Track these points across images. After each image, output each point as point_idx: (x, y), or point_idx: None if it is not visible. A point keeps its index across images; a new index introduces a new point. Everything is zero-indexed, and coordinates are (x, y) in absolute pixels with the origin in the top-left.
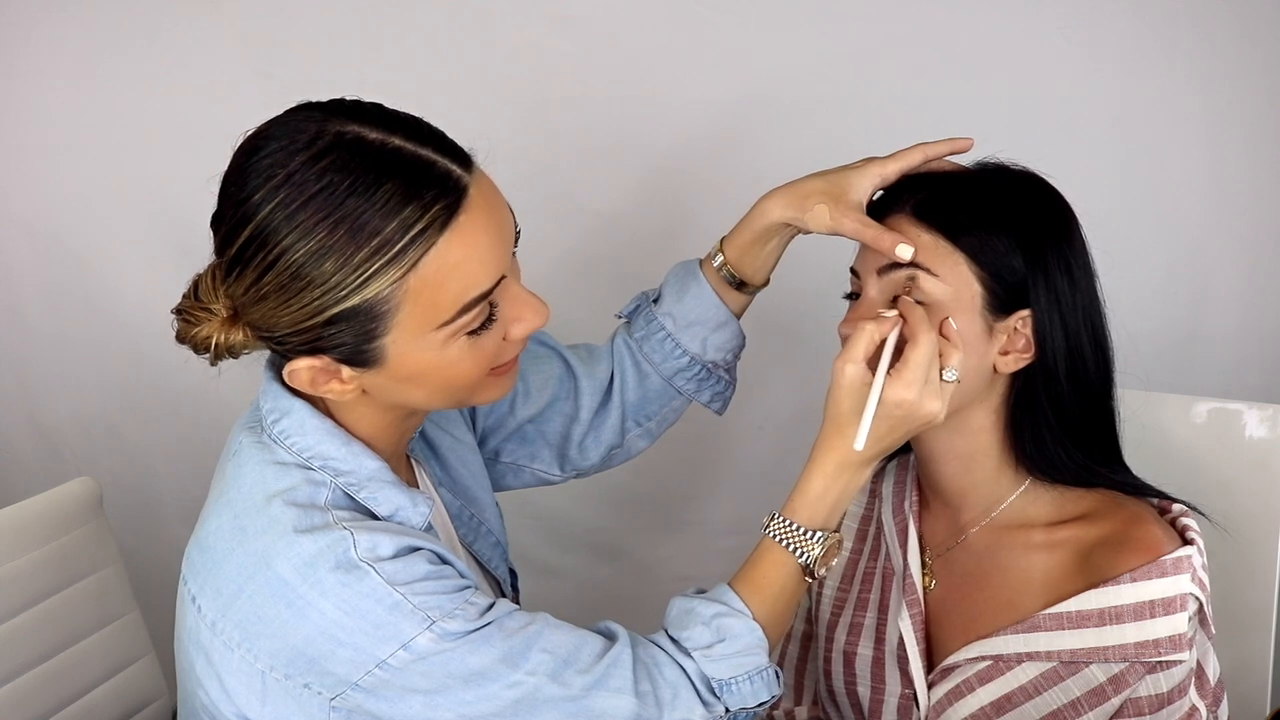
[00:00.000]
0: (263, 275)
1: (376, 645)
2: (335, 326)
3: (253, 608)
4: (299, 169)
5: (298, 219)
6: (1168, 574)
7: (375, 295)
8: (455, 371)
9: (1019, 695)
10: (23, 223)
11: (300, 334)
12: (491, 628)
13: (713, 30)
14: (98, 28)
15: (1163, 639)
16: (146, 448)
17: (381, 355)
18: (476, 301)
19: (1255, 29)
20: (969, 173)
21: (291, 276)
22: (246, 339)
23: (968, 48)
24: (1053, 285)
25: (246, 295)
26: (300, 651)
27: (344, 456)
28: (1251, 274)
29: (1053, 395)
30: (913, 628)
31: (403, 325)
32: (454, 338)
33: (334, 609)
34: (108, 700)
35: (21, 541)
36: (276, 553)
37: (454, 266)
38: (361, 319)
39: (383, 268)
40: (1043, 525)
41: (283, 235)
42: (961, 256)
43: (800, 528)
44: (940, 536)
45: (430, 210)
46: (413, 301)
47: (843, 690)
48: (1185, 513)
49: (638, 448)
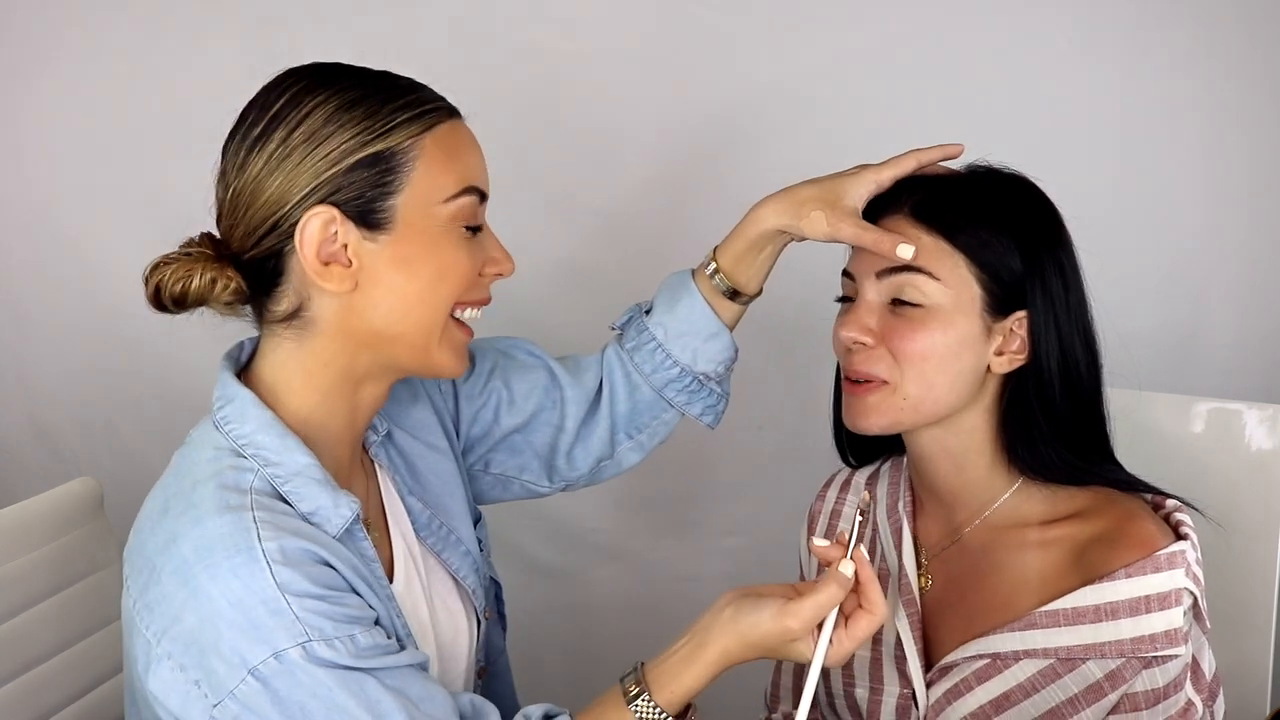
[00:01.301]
0: (294, 130)
1: (250, 646)
2: (356, 173)
3: (159, 588)
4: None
5: (332, 83)
6: (1162, 569)
7: (398, 144)
8: (448, 262)
9: (1017, 693)
10: (23, 222)
11: (319, 187)
12: (367, 675)
13: (714, 31)
14: (98, 28)
15: (1158, 634)
16: (146, 448)
17: (392, 217)
18: (474, 190)
19: (1255, 29)
20: (963, 175)
21: (325, 121)
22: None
23: (968, 49)
24: (1049, 286)
25: (267, 165)
26: (192, 639)
27: (276, 448)
28: (1251, 274)
29: (1045, 396)
30: (910, 628)
31: (415, 185)
32: (454, 223)
33: (220, 598)
34: (107, 701)
35: (22, 541)
36: (182, 531)
37: (458, 149)
38: (382, 167)
39: (406, 121)
40: (1037, 523)
41: (319, 92)
42: (961, 258)
43: (659, 709)
44: (935, 537)
45: (438, 102)
46: (426, 162)
47: (841, 692)
48: (1179, 508)
49: (629, 461)
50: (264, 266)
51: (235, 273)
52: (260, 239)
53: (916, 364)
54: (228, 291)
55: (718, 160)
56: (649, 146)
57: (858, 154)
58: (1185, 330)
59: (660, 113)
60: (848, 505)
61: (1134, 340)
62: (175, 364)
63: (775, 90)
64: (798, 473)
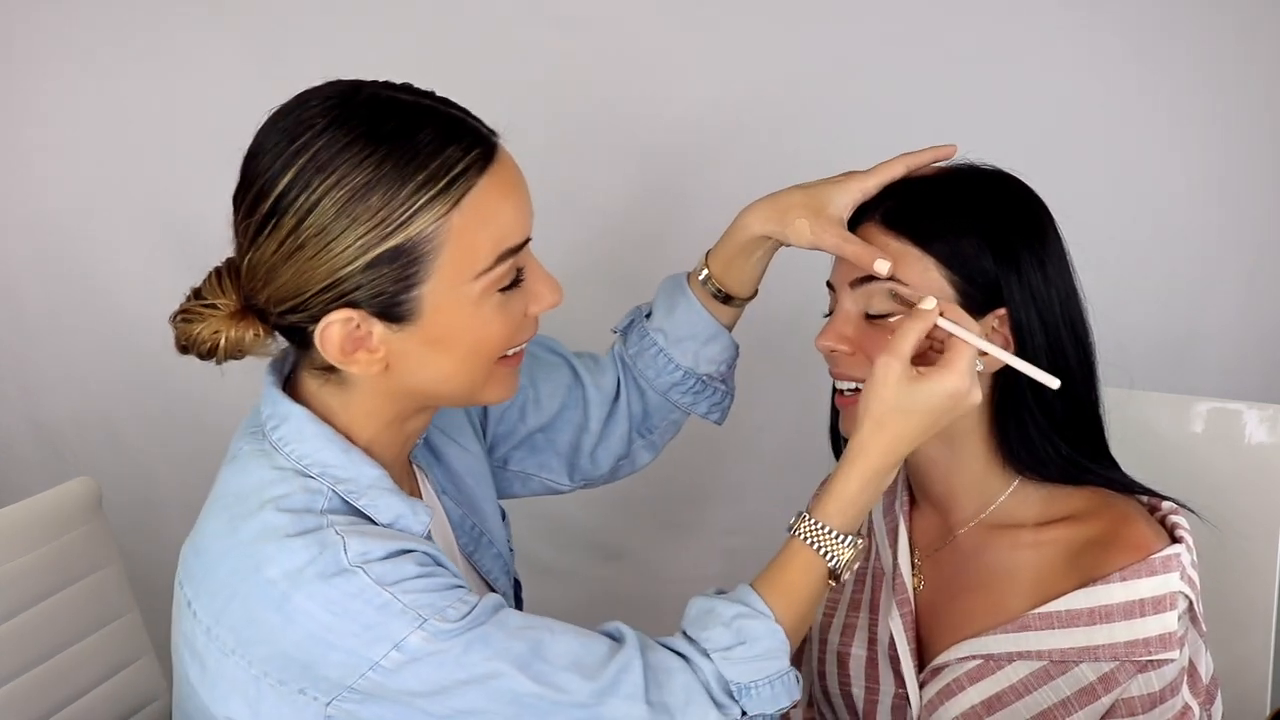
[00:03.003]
0: (303, 220)
1: (368, 647)
2: (375, 270)
3: (245, 612)
4: (340, 115)
5: (344, 156)
6: (1156, 572)
7: (420, 233)
8: (485, 334)
9: (1009, 694)
10: (23, 222)
11: (336, 284)
12: (489, 626)
13: (714, 31)
14: (98, 28)
15: (1153, 638)
16: (146, 448)
17: (418, 308)
18: (511, 252)
19: (1255, 29)
20: (937, 177)
21: (336, 214)
22: (256, 332)
23: (967, 49)
24: (1026, 282)
25: (279, 252)
26: (292, 657)
27: (343, 464)
28: (1251, 274)
29: (1037, 391)
30: (904, 628)
31: (443, 271)
32: (488, 293)
33: (322, 611)
34: (106, 700)
35: (21, 541)
36: (267, 557)
37: (493, 210)
38: (403, 260)
39: (429, 202)
40: (1031, 525)
41: (328, 172)
42: (931, 261)
43: (832, 531)
44: (929, 537)
45: (470, 153)
46: (455, 243)
47: (837, 691)
48: (1175, 510)
49: (642, 460)
50: (292, 329)
51: (268, 331)
52: (283, 313)
53: None
54: (259, 342)
55: (719, 161)
56: (649, 146)
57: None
58: (1185, 330)
59: (660, 113)
60: None
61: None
62: (175, 364)
63: (776, 90)
64: (798, 473)
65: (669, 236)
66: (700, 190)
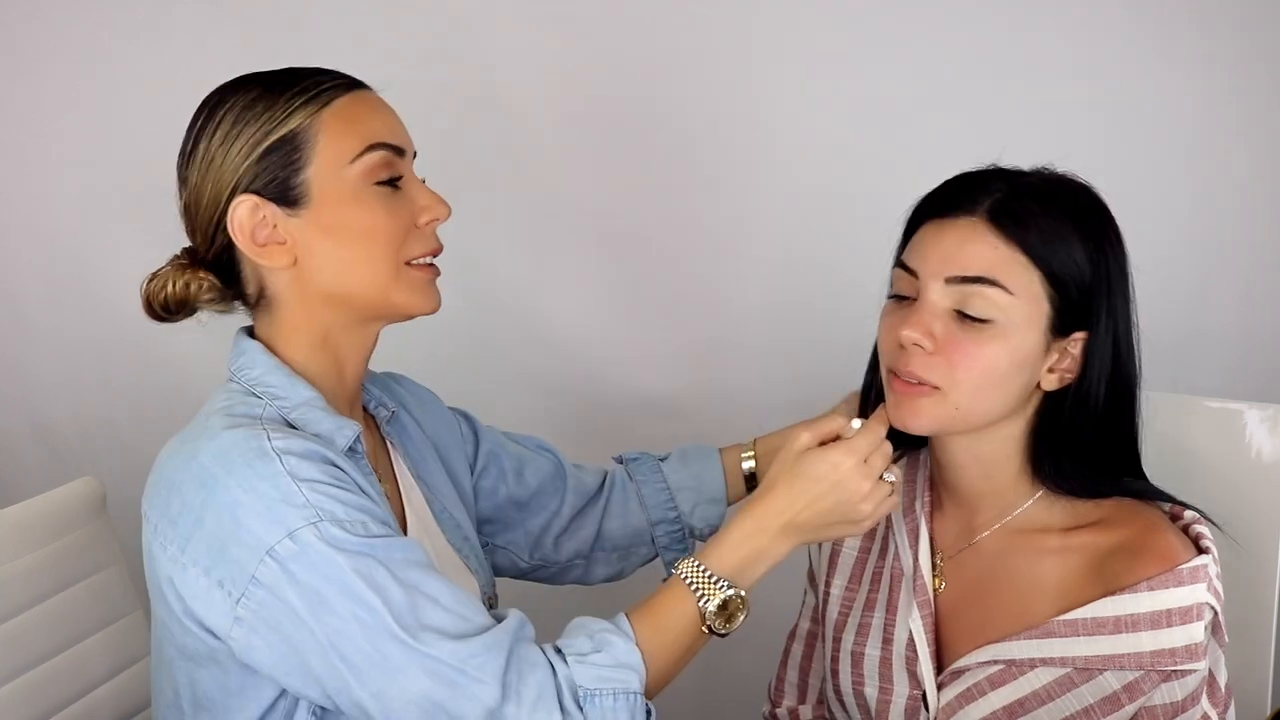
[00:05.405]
0: (211, 139)
1: (267, 529)
2: (266, 160)
3: (180, 498)
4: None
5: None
6: (1184, 583)
7: (298, 126)
8: (371, 224)
9: (1032, 700)
10: (23, 223)
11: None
12: (378, 563)
13: (716, 31)
14: (98, 28)
15: (1179, 648)
16: (146, 448)
17: (307, 191)
18: (381, 146)
19: (1255, 28)
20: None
21: (232, 125)
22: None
23: (966, 48)
24: (1113, 312)
25: (199, 174)
26: (213, 534)
27: (282, 384)
28: (1251, 274)
29: (1087, 413)
30: (924, 629)
31: (321, 157)
32: (364, 182)
33: (238, 488)
34: (109, 700)
35: (24, 541)
36: (201, 446)
37: (360, 114)
38: (286, 149)
39: (302, 105)
40: (1057, 530)
41: (227, 105)
42: (1038, 275)
43: (707, 571)
44: (951, 538)
45: (339, 80)
46: (327, 133)
47: (850, 690)
48: (1197, 520)
49: (597, 572)
50: (222, 261)
51: (206, 273)
52: (211, 238)
53: (975, 379)
54: (204, 290)
55: (720, 160)
56: (649, 147)
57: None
58: (1185, 330)
59: (659, 113)
60: None
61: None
62: (175, 364)
63: (777, 90)
64: None
65: (670, 237)
66: (703, 189)
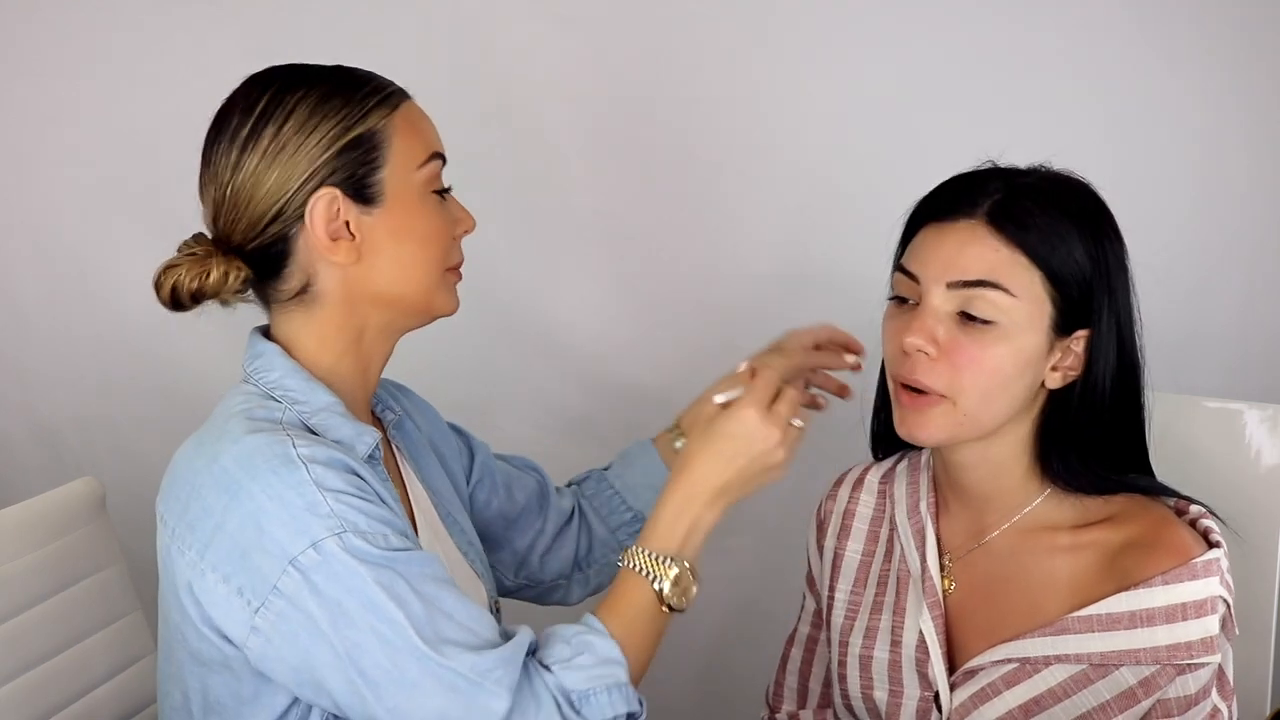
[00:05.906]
0: (282, 126)
1: (292, 539)
2: (346, 155)
3: (200, 503)
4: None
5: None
6: (1198, 577)
7: (374, 125)
8: (433, 227)
9: (1048, 698)
10: (23, 222)
11: (315, 172)
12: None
13: (716, 32)
14: (98, 28)
15: (1195, 641)
16: (147, 448)
17: (383, 190)
18: (437, 156)
19: (1255, 28)
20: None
21: (309, 114)
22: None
23: (965, 48)
24: (1115, 308)
25: (264, 160)
26: (235, 541)
27: (302, 389)
28: (1252, 274)
29: (1092, 410)
30: (935, 630)
31: (396, 157)
32: (427, 188)
33: (262, 494)
34: (109, 700)
35: (25, 541)
36: (223, 449)
37: (418, 122)
38: (366, 146)
39: (376, 105)
40: (1067, 528)
41: (297, 91)
42: (1039, 276)
43: (652, 554)
44: (959, 539)
45: (393, 86)
46: (400, 135)
47: (858, 695)
48: (1204, 514)
49: (575, 593)
50: (269, 252)
51: (243, 263)
52: (265, 227)
53: (980, 382)
54: (238, 281)
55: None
56: (649, 147)
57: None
58: (1185, 330)
59: (660, 113)
60: (861, 504)
61: None
62: (176, 364)
63: (777, 90)
64: (799, 473)
65: (670, 237)
66: (703, 189)
